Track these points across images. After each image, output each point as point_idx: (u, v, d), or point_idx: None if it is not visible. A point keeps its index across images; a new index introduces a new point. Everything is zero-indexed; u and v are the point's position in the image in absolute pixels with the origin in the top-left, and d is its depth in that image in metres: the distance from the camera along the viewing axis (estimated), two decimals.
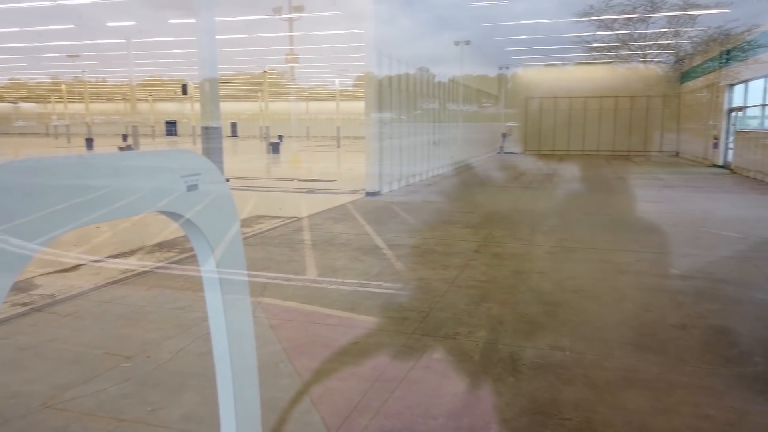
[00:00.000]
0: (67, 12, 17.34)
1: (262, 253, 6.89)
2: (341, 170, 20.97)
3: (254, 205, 11.08)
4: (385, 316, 4.66)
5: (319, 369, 3.65)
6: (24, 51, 26.73)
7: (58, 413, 3.03)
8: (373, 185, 12.81)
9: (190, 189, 1.14)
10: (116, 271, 5.98)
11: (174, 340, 4.08)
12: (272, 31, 20.82)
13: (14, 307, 4.72)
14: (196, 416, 3.03)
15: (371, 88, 12.95)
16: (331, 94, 51.14)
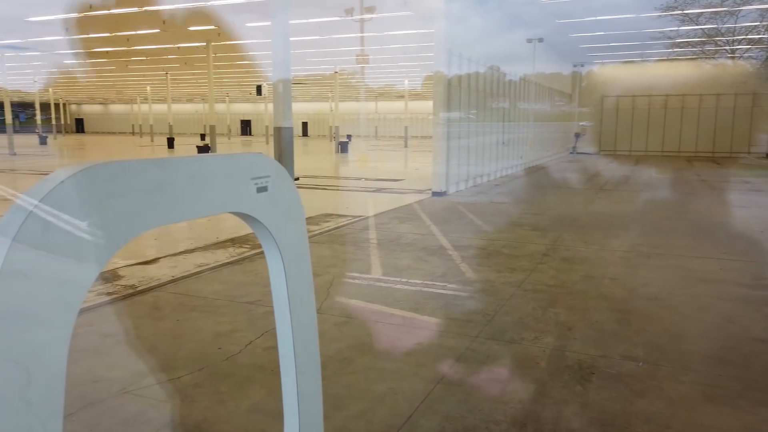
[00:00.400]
0: (152, 17, 18.31)
1: (328, 250, 7.01)
2: (408, 170, 21.00)
3: (322, 204, 11.29)
4: (449, 318, 4.63)
5: (381, 368, 3.67)
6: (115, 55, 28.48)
7: (135, 399, 3.21)
8: (439, 185, 12.75)
9: (260, 191, 1.18)
10: (192, 265, 6.26)
11: (243, 333, 4.22)
12: (344, 32, 21.13)
13: (99, 296, 5.05)
14: (262, 408, 3.12)
15: (440, 88, 12.88)
16: (400, 93, 51.30)
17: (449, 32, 13.13)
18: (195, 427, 2.92)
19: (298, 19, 17.91)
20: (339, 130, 34.49)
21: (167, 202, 0.99)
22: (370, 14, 17.92)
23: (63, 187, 0.81)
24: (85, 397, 3.20)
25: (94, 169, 0.85)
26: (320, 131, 67.23)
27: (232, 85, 47.69)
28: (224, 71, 35.54)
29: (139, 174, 0.92)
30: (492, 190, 13.86)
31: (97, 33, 21.63)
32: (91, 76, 41.41)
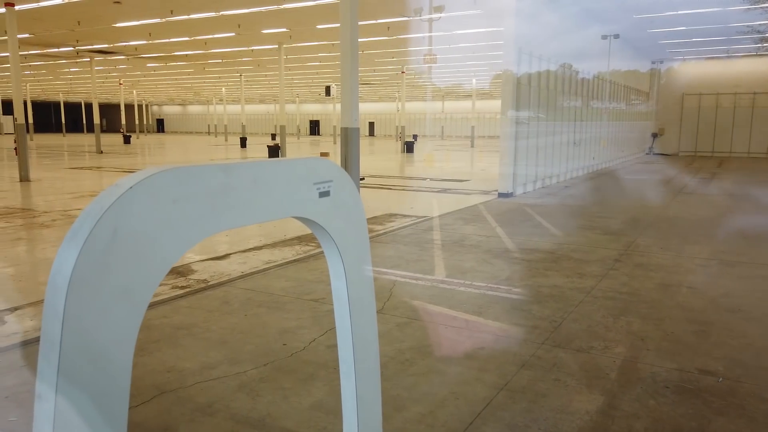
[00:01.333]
0: (228, 21, 19.01)
1: (392, 250, 7.02)
2: (474, 170, 20.73)
3: (386, 203, 11.34)
4: (513, 323, 4.53)
5: (443, 371, 3.63)
6: (194, 58, 29.77)
7: (204, 390, 3.33)
8: (506, 186, 12.50)
9: (322, 195, 1.19)
10: (260, 261, 6.45)
11: (307, 330, 4.30)
12: (412, 32, 21.13)
13: (173, 290, 5.28)
14: (324, 406, 3.16)
15: (509, 87, 12.63)
16: (467, 93, 50.75)
17: (519, 30, 12.85)
18: (259, 421, 3.00)
19: (366, 20, 18.08)
20: (405, 129, 34.54)
21: (232, 206, 1.01)
22: (438, 13, 17.82)
23: (131, 193, 0.84)
24: (158, 386, 3.35)
25: (161, 174, 0.88)
26: (386, 131, 67.62)
27: (302, 86, 48.76)
28: (295, 73, 36.41)
29: (204, 179, 0.95)
30: (561, 192, 13.46)
31: (178, 37, 22.70)
32: (171, 79, 43.51)
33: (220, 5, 16.80)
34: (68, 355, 0.76)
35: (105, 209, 0.81)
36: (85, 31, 21.01)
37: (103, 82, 44.77)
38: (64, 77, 42.30)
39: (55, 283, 0.77)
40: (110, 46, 25.75)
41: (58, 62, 32.15)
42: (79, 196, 12.16)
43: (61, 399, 0.74)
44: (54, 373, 0.74)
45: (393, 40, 22.74)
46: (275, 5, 16.46)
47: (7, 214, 9.75)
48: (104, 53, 27.92)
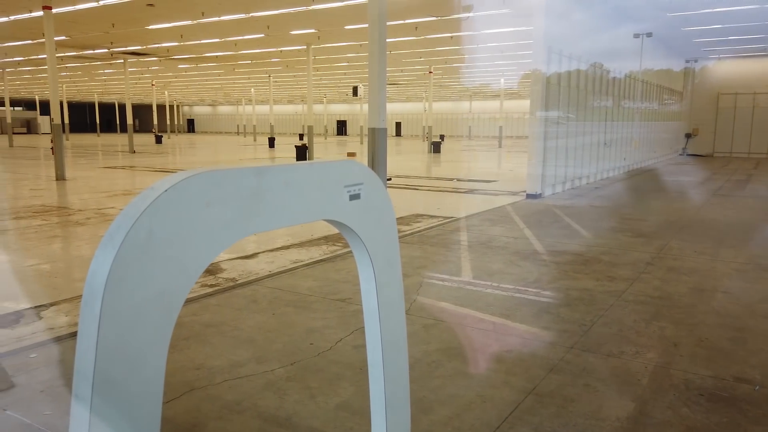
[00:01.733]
0: (258, 23, 19.22)
1: (418, 251, 7.00)
2: (501, 170, 20.56)
3: (413, 204, 11.32)
4: (542, 326, 4.47)
5: (470, 374, 3.60)
6: (223, 59, 30.19)
7: (232, 388, 3.37)
8: (534, 187, 12.36)
9: (353, 198, 1.19)
10: (288, 261, 6.50)
11: (334, 330, 4.32)
12: (440, 32, 21.05)
13: (203, 288, 5.36)
14: (351, 406, 3.16)
15: (538, 86, 12.49)
16: (495, 93, 50.34)
17: (549, 29, 12.69)
18: (286, 420, 3.02)
19: (394, 20, 18.08)
20: (432, 130, 34.45)
21: (263, 209, 1.01)
22: (467, 13, 17.72)
23: (167, 196, 0.85)
24: (188, 383, 3.41)
25: (195, 178, 0.89)
26: (413, 131, 67.53)
27: (329, 86, 49.04)
28: (323, 73, 36.63)
29: (237, 182, 0.96)
30: (591, 193, 13.25)
31: (208, 39, 23.04)
32: (202, 79, 44.20)
33: (250, 7, 17.00)
34: (104, 355, 0.77)
35: (140, 212, 0.82)
36: (119, 33, 21.48)
37: (136, 83, 45.72)
38: (98, 78, 43.33)
39: (92, 285, 0.78)
40: (143, 48, 26.28)
41: (93, 64, 32.94)
42: (113, 195, 12.44)
43: (97, 399, 0.76)
44: (90, 373, 0.76)
45: (421, 40, 22.69)
46: (304, 6, 16.58)
47: (43, 212, 10.03)
48: (137, 55, 28.52)
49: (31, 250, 7.16)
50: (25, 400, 3.19)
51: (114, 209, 10.42)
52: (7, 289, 5.58)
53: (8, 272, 6.17)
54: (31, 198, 11.96)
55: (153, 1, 16.11)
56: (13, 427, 2.92)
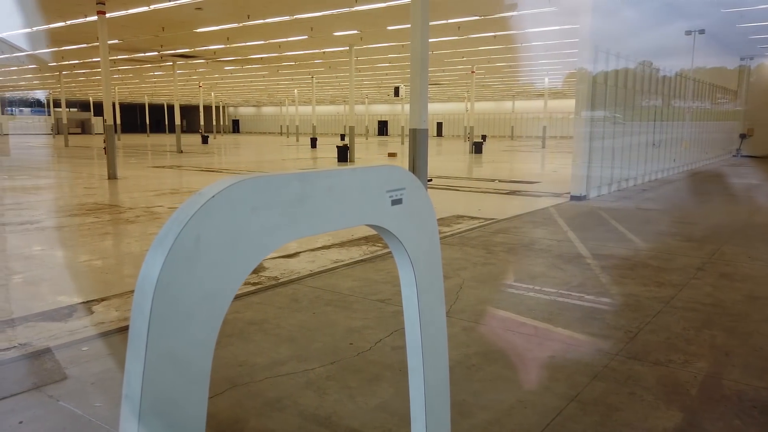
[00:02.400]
0: (302, 24, 19.47)
1: (459, 253, 6.96)
2: (545, 171, 20.20)
3: (454, 205, 11.25)
4: (585, 332, 4.37)
5: (511, 378, 3.55)
6: (268, 60, 30.72)
7: (273, 385, 3.42)
8: (579, 189, 12.10)
9: (395, 203, 1.19)
10: (328, 260, 6.56)
11: (374, 330, 4.33)
12: (482, 31, 20.85)
13: (246, 286, 5.46)
14: (390, 408, 3.17)
15: (583, 85, 12.22)
16: (539, 92, 49.52)
17: (596, 27, 12.40)
18: (326, 419, 3.04)
19: (437, 20, 18.01)
20: (473, 130, 34.15)
21: (307, 215, 1.03)
22: (511, 12, 17.50)
23: (213, 202, 0.87)
24: (231, 380, 3.48)
25: (241, 184, 0.91)
26: (455, 131, 67.14)
27: (371, 87, 49.25)
28: (365, 74, 36.81)
29: (281, 188, 0.97)
30: (639, 196, 12.88)
31: (254, 41, 23.48)
32: (247, 81, 45.09)
33: (294, 9, 17.24)
34: (153, 355, 0.80)
35: (189, 217, 0.84)
36: (168, 36, 22.14)
37: (184, 84, 47.02)
38: (148, 80, 44.77)
39: (143, 287, 0.81)
40: (191, 51, 27.00)
41: (143, 66, 34.05)
42: (161, 194, 12.83)
43: (146, 397, 0.78)
44: (140, 373, 0.78)
45: (463, 40, 22.53)
46: (347, 8, 16.70)
47: (96, 209, 10.43)
48: (186, 57, 29.32)
49: (84, 246, 7.45)
50: (76, 392, 3.32)
51: (162, 208, 10.73)
52: (62, 283, 5.83)
53: (63, 267, 6.44)
54: (84, 196, 12.46)
55: (201, 5, 16.53)
56: (65, 417, 3.05)
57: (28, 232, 8.27)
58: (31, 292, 5.44)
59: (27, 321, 4.52)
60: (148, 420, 0.78)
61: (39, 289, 5.58)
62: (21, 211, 10.11)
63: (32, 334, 4.22)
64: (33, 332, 4.27)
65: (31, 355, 3.84)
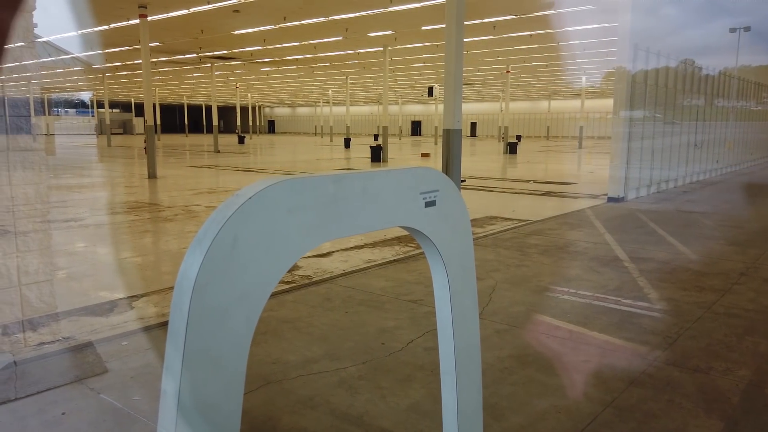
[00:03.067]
0: (337, 25, 19.61)
1: (492, 254, 6.90)
2: (581, 172, 19.84)
3: (487, 206, 11.15)
4: (622, 337, 4.28)
5: (544, 382, 3.51)
6: (303, 61, 31.03)
7: (306, 383, 3.46)
8: (616, 190, 11.85)
9: (428, 205, 1.19)
10: (361, 260, 6.59)
11: (405, 331, 4.33)
12: (518, 30, 20.62)
13: (280, 284, 5.53)
14: (422, 409, 3.17)
15: (622, 84, 11.96)
16: (576, 92, 48.67)
17: (635, 25, 12.13)
18: (357, 418, 3.06)
19: (472, 20, 17.89)
20: (508, 130, 33.80)
21: (341, 216, 1.04)
22: (548, 10, 17.25)
23: (250, 203, 0.89)
24: (264, 377, 3.53)
25: (277, 186, 0.93)
26: (489, 131, 66.55)
27: (405, 87, 49.24)
28: (398, 74, 36.83)
29: (316, 190, 0.98)
30: (679, 198, 12.53)
31: (289, 42, 23.75)
32: (282, 82, 45.65)
33: (330, 10, 17.37)
34: (191, 352, 0.82)
35: (227, 218, 0.86)
36: (207, 38, 22.58)
37: (222, 86, 47.88)
38: (188, 82, 45.76)
39: (182, 285, 0.83)
40: (228, 52, 27.48)
41: (183, 68, 34.82)
42: (198, 193, 13.10)
43: (184, 393, 0.81)
44: (178, 369, 0.81)
45: (499, 39, 22.32)
46: (382, 8, 16.74)
47: (136, 208, 10.72)
48: (223, 59, 29.86)
49: (125, 243, 7.67)
50: (116, 385, 3.42)
51: (199, 207, 10.96)
52: (104, 279, 6.01)
53: (105, 264, 6.64)
54: (125, 195, 12.82)
55: (239, 7, 16.80)
56: (105, 409, 3.14)
57: (72, 229, 8.55)
58: (74, 288, 5.63)
59: (70, 315, 4.68)
60: (186, 415, 0.81)
61: (82, 285, 5.77)
62: (66, 209, 10.47)
63: (75, 328, 4.37)
64: (76, 326, 4.42)
65: (73, 348, 3.97)
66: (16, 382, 3.42)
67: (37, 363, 3.71)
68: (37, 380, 3.45)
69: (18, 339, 3.99)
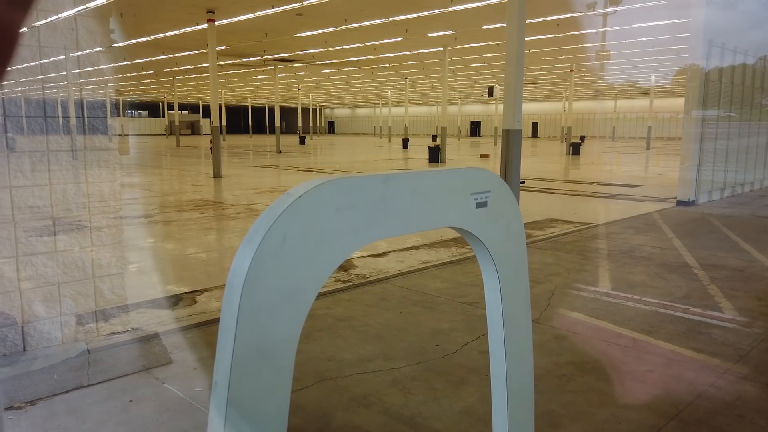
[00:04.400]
0: (397, 26, 19.68)
1: (552, 258, 6.73)
2: (649, 174, 19.05)
3: (548, 208, 10.90)
4: (690, 347, 4.08)
5: (605, 391, 3.39)
6: (363, 63, 31.32)
7: (360, 381, 3.49)
8: (686, 193, 11.30)
9: (479, 206, 1.17)
10: (417, 261, 6.58)
11: (460, 333, 4.29)
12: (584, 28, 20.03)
13: (336, 283, 5.61)
14: (475, 413, 3.13)
15: (695, 83, 11.39)
16: (644, 90, 46.77)
17: (710, 20, 11.52)
18: (410, 419, 3.06)
19: (534, 18, 17.52)
20: (571, 130, 32.88)
21: (390, 216, 1.04)
22: (615, 7, 16.67)
23: (300, 202, 0.91)
24: (319, 374, 3.59)
25: (327, 184, 0.94)
26: (551, 132, 64.99)
27: (464, 87, 48.81)
28: (458, 74, 36.56)
29: (366, 189, 0.99)
30: (756, 202, 11.82)
31: (350, 44, 24.03)
32: (342, 83, 46.25)
33: (390, 11, 17.44)
34: (241, 347, 0.84)
35: (277, 216, 0.89)
36: (270, 41, 23.18)
37: (284, 87, 49.03)
38: (252, 84, 47.12)
39: (233, 282, 0.86)
40: (291, 55, 28.10)
41: (247, 71, 35.89)
42: (260, 192, 13.46)
43: (234, 386, 0.83)
44: (228, 364, 0.83)
45: (562, 38, 21.76)
46: (442, 8, 16.66)
47: (202, 206, 11.13)
48: (286, 61, 30.57)
49: (191, 240, 7.98)
50: (180, 376, 3.56)
51: (261, 205, 11.26)
52: (171, 274, 6.27)
53: (172, 260, 6.93)
54: (192, 193, 13.34)
55: (302, 11, 17.15)
56: (169, 399, 3.28)
57: (142, 226, 8.98)
58: (143, 281, 5.91)
59: (139, 307, 4.91)
60: (235, 408, 0.83)
61: (150, 279, 6.04)
62: (137, 206, 11.01)
63: (143, 320, 4.58)
64: (144, 318, 4.64)
65: (141, 339, 4.17)
66: (89, 369, 3.62)
67: (107, 352, 3.92)
68: (107, 368, 3.65)
69: (91, 328, 4.22)
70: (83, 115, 4.28)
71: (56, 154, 4.01)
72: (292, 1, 15.94)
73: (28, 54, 3.82)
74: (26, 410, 3.10)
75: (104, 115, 4.39)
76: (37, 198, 3.92)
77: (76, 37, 4.02)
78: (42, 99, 3.98)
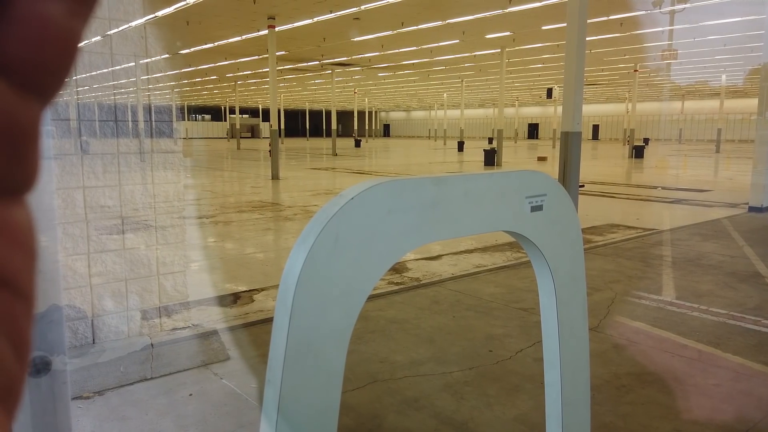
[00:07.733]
0: (454, 28, 19.58)
1: (612, 264, 6.51)
2: (718, 179, 18.13)
3: (609, 213, 10.55)
4: (761, 361, 3.85)
5: (667, 404, 3.25)
6: (419, 66, 31.34)
7: (412, 384, 3.48)
8: (760, 199, 10.68)
9: (534, 210, 1.15)
10: (470, 265, 6.51)
11: (515, 339, 4.21)
12: (649, 27, 19.32)
13: (389, 285, 5.62)
14: (528, 420, 3.06)
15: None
16: (714, 91, 44.60)
17: None
18: (462, 425, 3.03)
19: (596, 17, 17.03)
20: (634, 133, 31.72)
21: (442, 218, 1.03)
22: (683, 4, 15.98)
23: (352, 203, 0.92)
24: (372, 375, 3.60)
25: (378, 187, 0.94)
26: (612, 134, 62.92)
27: (522, 89, 47.98)
28: (515, 76, 35.97)
29: (417, 191, 0.99)
30: None
31: (406, 47, 24.09)
32: (398, 86, 46.40)
33: (447, 14, 17.37)
34: (294, 345, 0.86)
35: (329, 217, 0.90)
36: (328, 46, 23.53)
37: (341, 91, 49.66)
38: (309, 88, 47.97)
39: (286, 281, 0.88)
40: (348, 59, 28.43)
41: (305, 75, 36.56)
42: (316, 194, 13.68)
43: (286, 384, 0.85)
44: (281, 361, 0.85)
45: (625, 37, 21.05)
46: (500, 9, 16.45)
47: (260, 207, 11.42)
48: (343, 65, 30.96)
49: (249, 240, 8.20)
50: (237, 372, 3.66)
51: (316, 207, 11.44)
52: (230, 273, 6.46)
53: (231, 259, 7.14)
54: (251, 194, 13.71)
55: (359, 15, 17.34)
56: (226, 394, 3.38)
57: (204, 226, 9.30)
58: (204, 279, 6.11)
59: (200, 304, 5.08)
60: (287, 405, 0.85)
61: (211, 277, 6.25)
62: (199, 207, 11.41)
63: (203, 317, 4.74)
64: (204, 315, 4.80)
65: (201, 335, 4.31)
66: (152, 363, 3.78)
67: (169, 346, 4.08)
68: (169, 362, 3.80)
69: (155, 324, 4.40)
70: (150, 119, 4.47)
71: (126, 156, 4.21)
72: (349, 5, 16.12)
73: (101, 61, 4.03)
74: (94, 400, 3.27)
75: (170, 119, 4.58)
76: (107, 198, 4.13)
77: (145, 45, 4.21)
78: (113, 104, 4.19)
